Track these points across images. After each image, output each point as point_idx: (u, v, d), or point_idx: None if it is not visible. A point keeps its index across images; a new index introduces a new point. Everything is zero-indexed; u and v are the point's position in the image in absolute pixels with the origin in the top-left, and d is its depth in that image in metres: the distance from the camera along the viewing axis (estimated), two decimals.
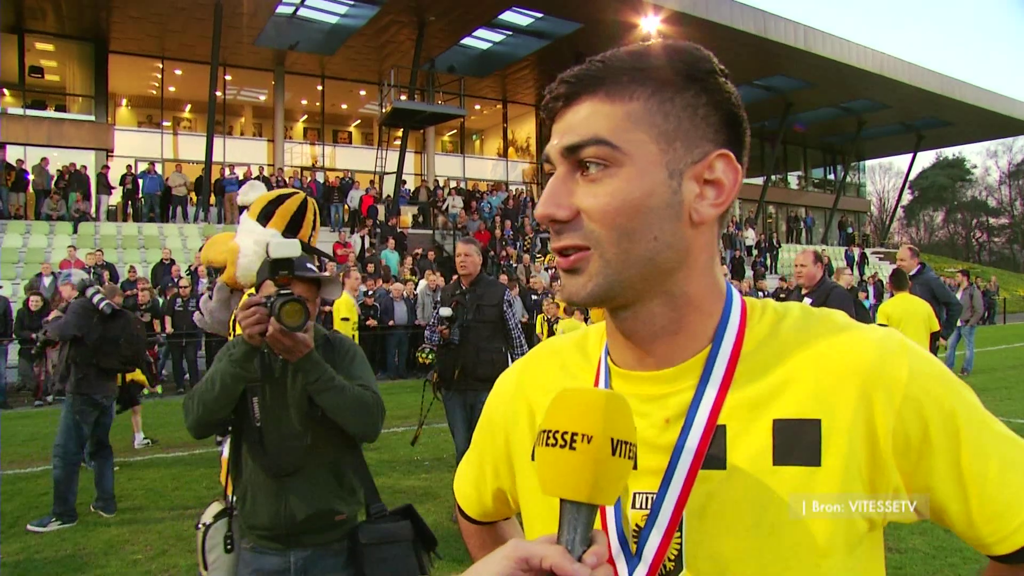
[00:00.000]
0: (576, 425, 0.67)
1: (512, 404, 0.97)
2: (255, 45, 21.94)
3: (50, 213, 17.73)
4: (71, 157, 19.65)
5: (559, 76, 0.79)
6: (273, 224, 4.20)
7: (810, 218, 33.12)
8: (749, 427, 0.76)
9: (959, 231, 62.74)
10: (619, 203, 0.74)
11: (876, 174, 58.93)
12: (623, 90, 0.76)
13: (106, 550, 4.76)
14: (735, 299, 0.83)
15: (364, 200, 20.59)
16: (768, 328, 0.81)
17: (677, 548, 0.77)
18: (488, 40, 23.35)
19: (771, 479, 0.74)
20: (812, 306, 0.94)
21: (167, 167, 21.48)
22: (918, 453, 0.73)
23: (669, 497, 0.76)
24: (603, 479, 0.66)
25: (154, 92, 24.40)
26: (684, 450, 0.77)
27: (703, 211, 0.77)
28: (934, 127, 32.78)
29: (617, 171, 0.75)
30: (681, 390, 0.79)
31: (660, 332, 0.80)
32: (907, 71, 26.76)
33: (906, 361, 0.75)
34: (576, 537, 0.67)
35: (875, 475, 0.74)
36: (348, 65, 24.42)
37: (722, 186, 0.78)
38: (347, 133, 28.69)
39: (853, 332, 0.78)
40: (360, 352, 2.43)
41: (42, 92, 22.44)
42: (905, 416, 0.73)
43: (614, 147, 0.74)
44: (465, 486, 1.08)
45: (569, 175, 0.78)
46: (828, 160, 38.37)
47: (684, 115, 0.76)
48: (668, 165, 0.75)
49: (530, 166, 30.27)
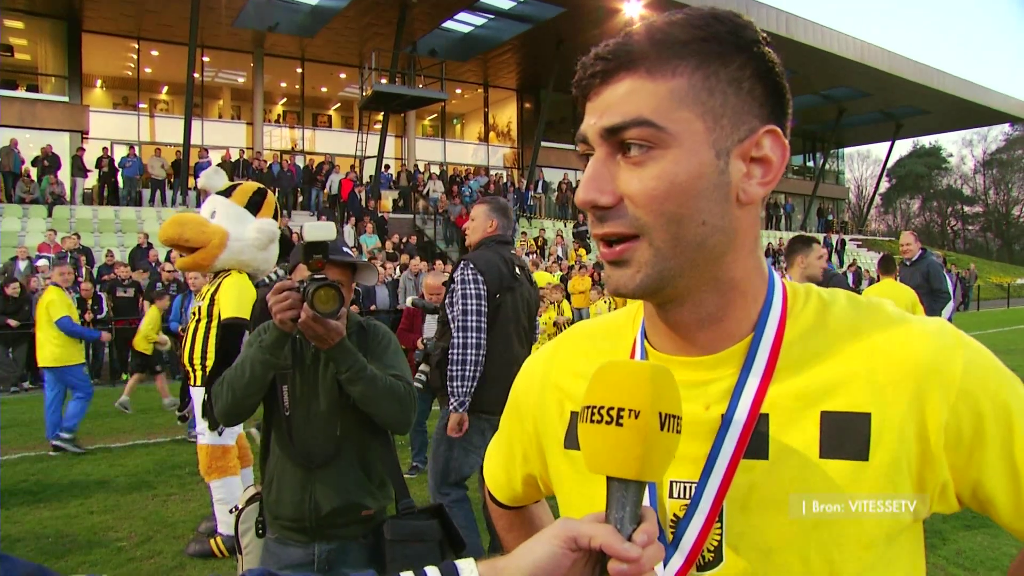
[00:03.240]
0: (622, 400, 0.65)
1: (541, 392, 0.94)
2: (234, 26, 21.57)
3: (23, 196, 17.37)
4: (44, 138, 19.24)
5: (593, 51, 0.74)
6: (263, 214, 4.18)
7: (789, 205, 33.35)
8: (795, 417, 0.74)
9: (935, 219, 63.51)
10: (666, 187, 0.70)
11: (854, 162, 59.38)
12: (665, 65, 0.71)
13: (89, 537, 4.70)
14: (777, 282, 0.81)
15: (344, 184, 20.40)
16: (814, 316, 0.78)
17: (717, 539, 0.75)
18: (470, 23, 23.13)
19: (817, 472, 0.72)
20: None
21: (144, 149, 21.11)
22: (970, 447, 0.72)
23: (710, 486, 0.74)
24: (652, 455, 0.64)
25: (130, 73, 23.92)
26: (727, 438, 0.74)
27: (751, 191, 0.74)
28: (912, 115, 33.10)
29: (663, 153, 0.70)
30: (723, 377, 0.77)
31: (706, 319, 0.78)
32: (887, 59, 26.94)
33: (961, 355, 0.73)
34: (625, 515, 0.66)
35: (924, 471, 0.72)
36: (328, 48, 24.10)
37: (770, 164, 0.74)
38: (327, 116, 28.37)
39: (908, 325, 0.76)
40: (395, 340, 2.34)
41: (12, 71, 21.91)
42: (959, 411, 0.71)
43: (659, 128, 0.70)
44: (494, 470, 1.07)
45: (610, 157, 0.73)
46: (808, 147, 38.60)
47: (730, 90, 0.72)
48: (715, 144, 0.71)
49: (511, 151, 30.16)
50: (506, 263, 3.72)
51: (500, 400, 3.88)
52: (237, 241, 4.13)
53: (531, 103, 29.28)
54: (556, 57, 22.72)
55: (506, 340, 3.66)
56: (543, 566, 0.65)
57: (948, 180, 62.47)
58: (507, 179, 25.78)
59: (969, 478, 0.73)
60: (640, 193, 0.71)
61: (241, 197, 4.16)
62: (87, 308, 11.55)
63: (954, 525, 4.53)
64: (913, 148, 60.61)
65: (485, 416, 3.59)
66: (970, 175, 61.77)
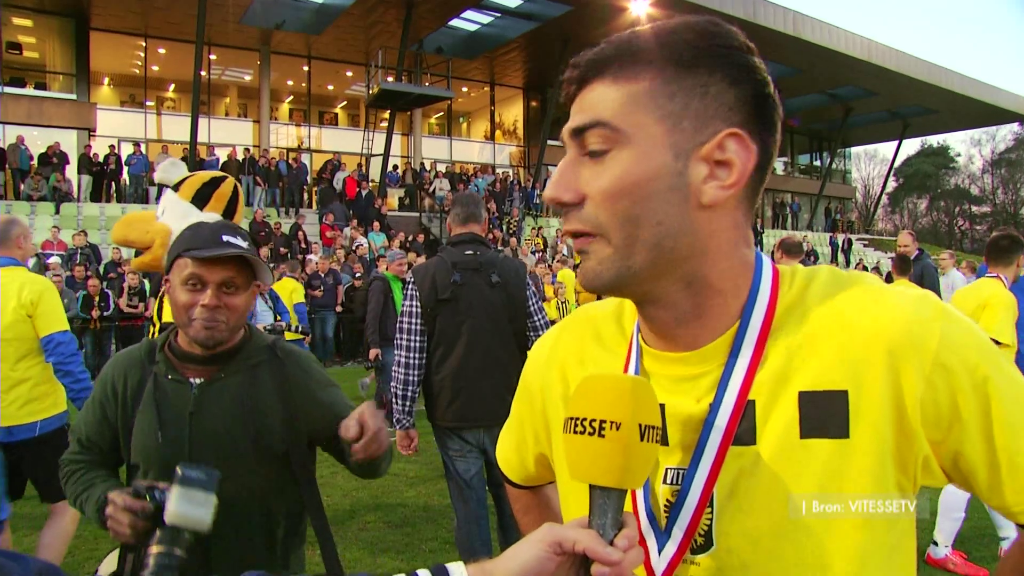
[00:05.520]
0: (604, 412, 0.68)
1: (547, 372, 0.97)
2: (241, 24, 21.61)
3: (31, 193, 17.45)
4: (52, 136, 19.33)
5: (573, 63, 0.79)
6: (211, 207, 3.97)
7: (796, 204, 33.30)
8: (775, 400, 0.75)
9: (942, 219, 63.29)
10: (620, 186, 0.73)
11: (861, 161, 59.20)
12: (628, 71, 0.75)
13: (95, 534, 4.71)
14: (765, 273, 0.80)
15: (348, 182, 20.43)
16: (795, 296, 0.79)
17: (707, 524, 0.77)
18: (476, 22, 23.15)
19: (799, 453, 0.73)
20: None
21: (151, 147, 21.19)
22: (948, 422, 0.72)
23: (699, 473, 0.76)
24: (633, 464, 0.68)
25: (137, 71, 24.02)
26: (714, 427, 0.76)
27: (712, 193, 0.74)
28: (920, 115, 32.96)
29: (618, 153, 0.74)
30: (711, 370, 0.79)
31: (683, 318, 0.79)
32: (895, 58, 26.85)
33: (938, 327, 0.72)
34: (607, 521, 0.69)
35: (903, 446, 0.72)
36: (335, 45, 24.14)
37: (733, 166, 0.74)
38: (333, 114, 28.42)
39: (884, 298, 0.75)
40: (319, 368, 1.88)
41: (21, 69, 22.03)
42: (936, 384, 0.71)
43: (615, 129, 0.74)
44: (507, 451, 1.09)
45: (577, 158, 0.77)
46: (815, 147, 38.52)
47: (693, 94, 0.74)
48: (674, 147, 0.73)
49: (517, 149, 30.18)
50: (449, 270, 3.47)
51: (466, 414, 3.77)
52: None
53: (537, 101, 29.28)
54: (563, 55, 22.70)
55: (466, 350, 3.46)
56: (530, 569, 0.69)
57: (956, 180, 62.22)
58: (513, 177, 25.79)
59: (949, 452, 0.73)
60: (597, 192, 0.75)
61: (188, 191, 3.94)
62: (94, 305, 11.61)
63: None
64: (921, 147, 60.45)
65: (450, 430, 3.53)
66: (978, 175, 61.53)
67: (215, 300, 1.64)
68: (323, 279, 13.86)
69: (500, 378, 3.42)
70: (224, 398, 1.70)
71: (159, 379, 1.72)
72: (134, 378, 1.75)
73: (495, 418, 3.37)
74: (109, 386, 1.76)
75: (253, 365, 1.75)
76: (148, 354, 1.78)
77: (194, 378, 1.71)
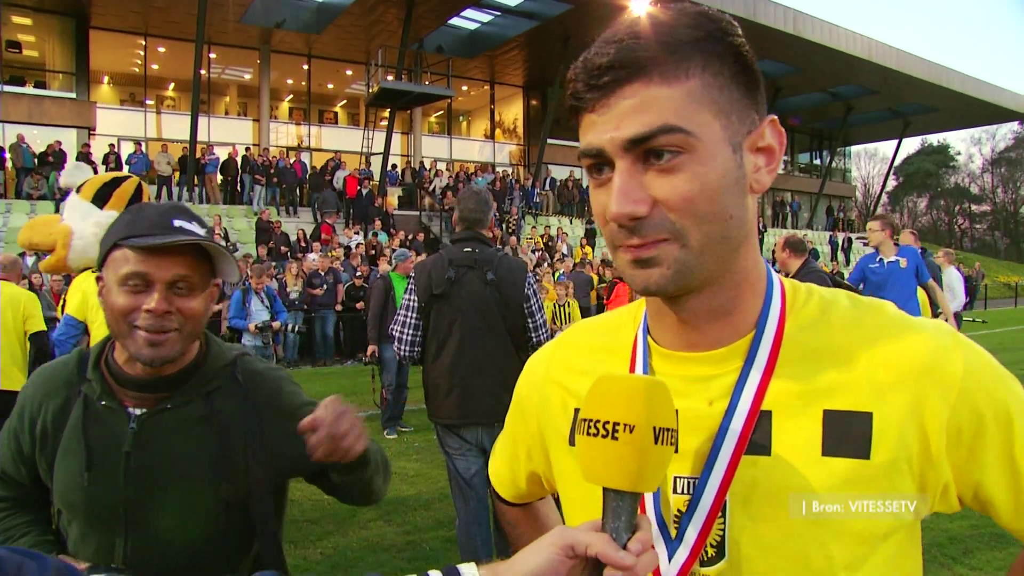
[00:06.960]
0: (618, 414, 0.67)
1: (543, 388, 0.96)
2: (241, 23, 21.57)
3: (31, 192, 17.43)
4: (52, 135, 19.30)
5: (595, 63, 0.73)
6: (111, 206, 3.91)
7: (796, 203, 33.26)
8: (798, 415, 0.75)
9: (942, 217, 63.29)
10: (700, 189, 0.71)
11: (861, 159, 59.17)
12: (677, 68, 0.71)
13: None
14: (774, 278, 0.82)
15: (348, 181, 20.41)
16: (816, 314, 0.80)
17: (720, 534, 0.76)
18: (476, 20, 23.12)
19: (819, 469, 0.73)
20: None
21: (150, 146, 21.17)
22: (970, 446, 0.73)
23: (712, 482, 0.75)
24: (646, 467, 0.66)
25: (137, 70, 23.97)
26: (728, 433, 0.76)
27: (762, 180, 0.76)
28: (920, 113, 32.91)
29: (691, 156, 0.71)
30: (727, 372, 0.78)
31: (717, 312, 0.79)
32: (895, 57, 26.80)
33: (960, 355, 0.74)
34: (620, 524, 0.68)
35: (926, 471, 0.73)
36: (335, 44, 24.10)
37: (773, 152, 0.77)
38: (333, 113, 28.37)
39: (909, 326, 0.77)
40: (292, 391, 1.50)
41: (20, 68, 21.99)
42: (959, 411, 0.72)
43: (687, 132, 0.70)
44: (499, 468, 1.09)
45: (635, 167, 0.72)
46: (815, 145, 38.47)
47: (733, 85, 0.73)
48: (730, 140, 0.73)
49: (517, 148, 30.14)
50: (446, 266, 3.52)
51: (461, 410, 3.87)
52: (80, 239, 3.79)
53: (538, 100, 29.23)
54: (563, 54, 22.65)
55: (459, 346, 3.49)
56: (541, 572, 0.68)
57: (956, 178, 62.25)
58: (513, 176, 25.75)
59: (970, 478, 0.74)
60: (675, 198, 0.71)
61: (88, 191, 3.88)
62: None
63: (963, 527, 4.50)
64: (921, 146, 60.50)
65: (444, 424, 3.59)
66: (978, 173, 61.55)
67: (164, 304, 1.28)
68: (323, 278, 13.83)
69: (494, 375, 3.44)
70: (170, 435, 1.35)
71: (90, 403, 1.36)
72: (56, 401, 1.39)
73: (493, 416, 3.40)
74: (27, 411, 1.41)
75: (208, 392, 1.39)
76: (78, 370, 1.40)
77: (133, 408, 1.36)
